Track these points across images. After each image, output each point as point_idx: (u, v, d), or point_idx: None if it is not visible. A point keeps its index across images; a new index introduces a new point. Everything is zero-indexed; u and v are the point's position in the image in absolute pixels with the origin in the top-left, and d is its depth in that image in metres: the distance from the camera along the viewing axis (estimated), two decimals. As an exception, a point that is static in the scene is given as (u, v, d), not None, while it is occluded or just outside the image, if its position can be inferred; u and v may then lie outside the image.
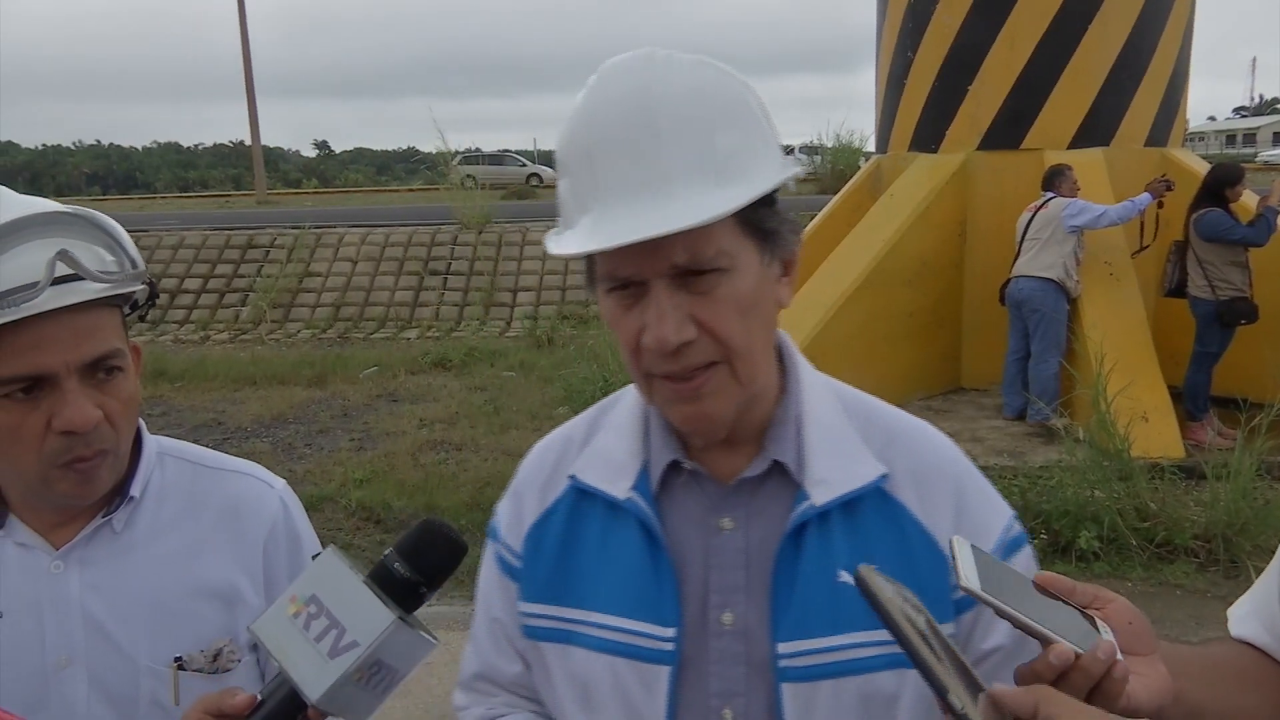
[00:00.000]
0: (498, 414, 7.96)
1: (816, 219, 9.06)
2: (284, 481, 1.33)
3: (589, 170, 0.89)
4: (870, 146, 13.43)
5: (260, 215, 20.08)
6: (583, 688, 1.01)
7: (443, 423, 7.77)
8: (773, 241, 0.93)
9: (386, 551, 0.92)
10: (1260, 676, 1.02)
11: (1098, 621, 0.79)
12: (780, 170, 0.90)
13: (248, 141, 40.72)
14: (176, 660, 1.16)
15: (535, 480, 1.10)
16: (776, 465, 0.99)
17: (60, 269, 1.04)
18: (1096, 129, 7.44)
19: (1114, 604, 0.82)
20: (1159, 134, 7.64)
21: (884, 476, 0.98)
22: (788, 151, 0.95)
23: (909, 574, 0.89)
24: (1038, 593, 0.80)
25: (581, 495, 1.05)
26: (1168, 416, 6.15)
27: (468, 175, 19.41)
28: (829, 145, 19.49)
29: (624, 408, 1.07)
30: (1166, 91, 7.59)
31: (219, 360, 10.42)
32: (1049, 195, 6.74)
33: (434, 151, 16.42)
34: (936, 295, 7.59)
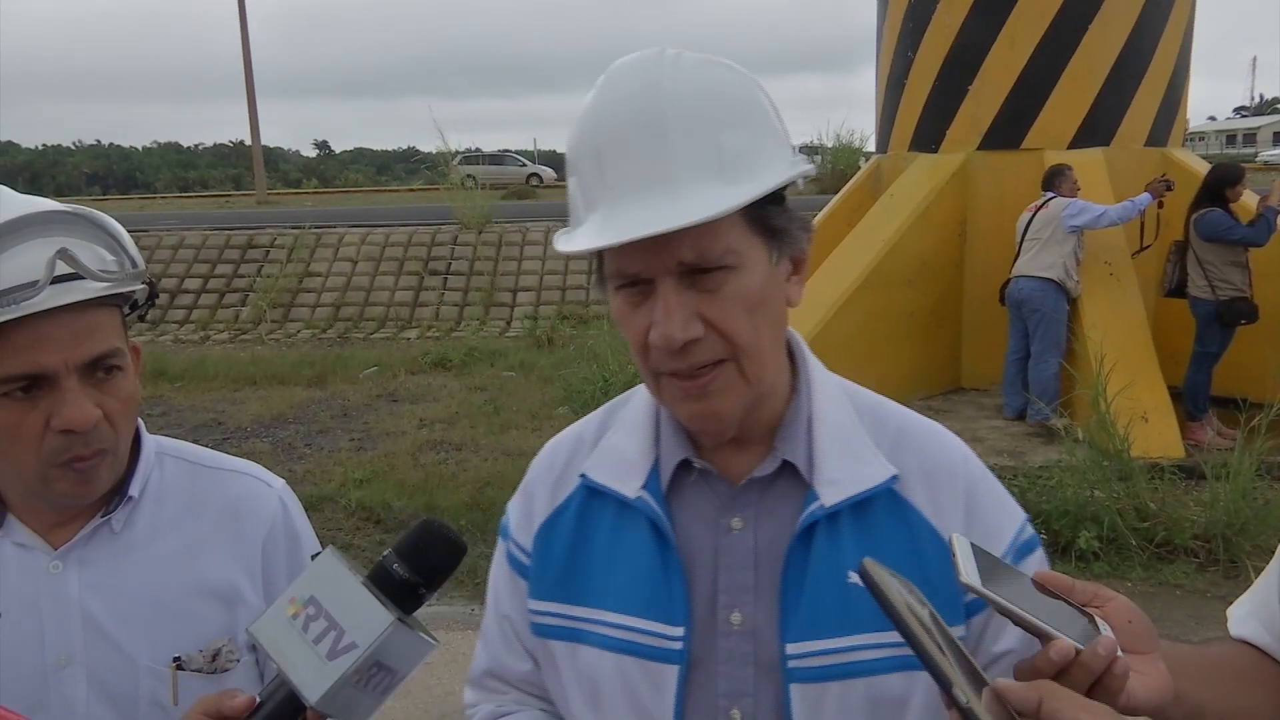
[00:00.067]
0: (498, 414, 7.96)
1: (816, 219, 9.06)
2: (283, 481, 1.33)
3: (597, 168, 0.89)
4: (870, 146, 13.44)
5: (260, 215, 20.08)
6: (591, 686, 1.01)
7: (443, 423, 7.77)
8: (781, 240, 0.93)
9: (385, 552, 0.91)
10: (1260, 676, 1.02)
11: (1097, 620, 0.79)
12: (789, 169, 0.90)
13: (248, 141, 40.74)
14: (175, 660, 1.16)
15: (546, 478, 1.10)
16: (786, 465, 0.99)
17: (60, 268, 1.04)
18: (1096, 129, 7.44)
19: (1114, 602, 0.82)
20: (1159, 134, 7.64)
21: (894, 478, 0.98)
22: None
23: (919, 575, 0.88)
24: (1038, 591, 0.80)
25: (592, 494, 1.05)
26: (1168, 416, 6.15)
27: (468, 175, 19.40)
28: (829, 145, 19.51)
29: (635, 406, 1.07)
30: (1166, 91, 7.59)
31: (219, 360, 10.42)
32: (1049, 195, 6.74)
33: (434, 151, 16.46)
34: (936, 295, 7.59)
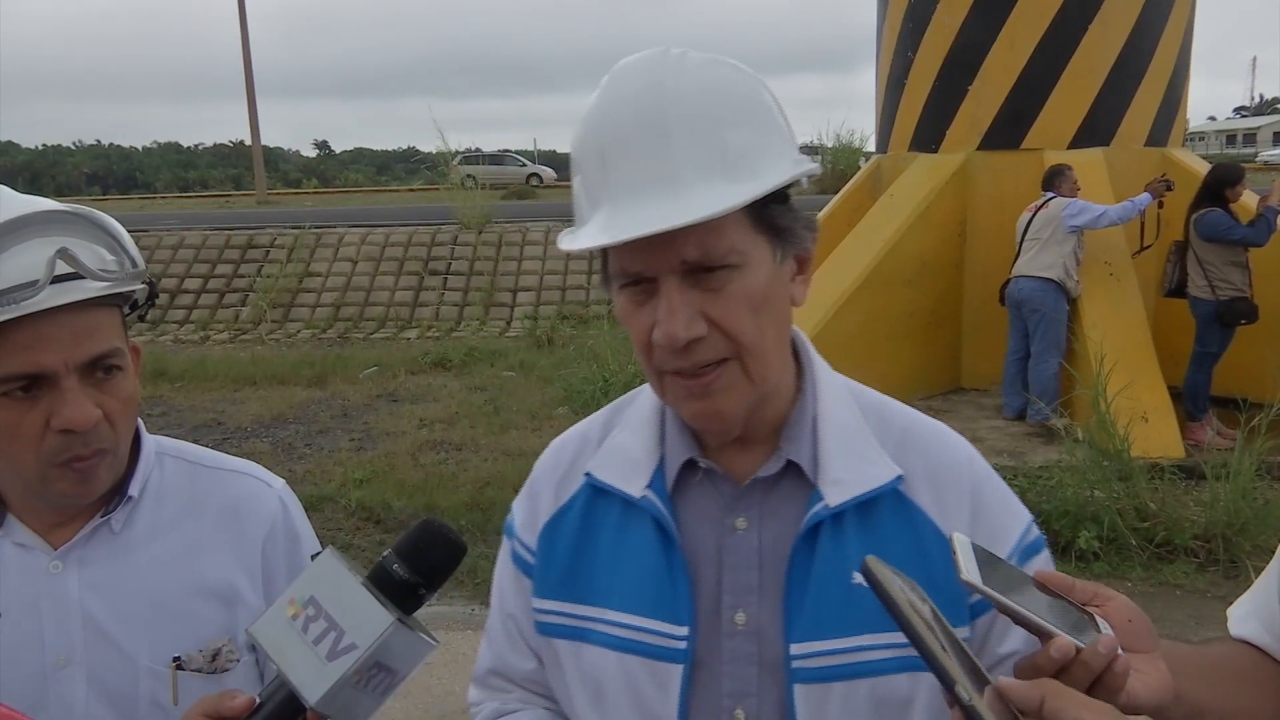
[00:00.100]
0: (497, 414, 7.96)
1: (817, 219, 9.06)
2: (283, 481, 1.32)
3: (601, 167, 0.89)
4: (870, 146, 13.44)
5: (260, 215, 20.08)
6: (595, 685, 1.01)
7: (443, 423, 7.77)
8: (786, 239, 0.93)
9: (385, 553, 0.91)
10: (1260, 676, 1.02)
11: (1097, 618, 0.79)
12: (794, 167, 0.90)
13: (248, 141, 40.74)
14: (175, 660, 1.16)
15: (551, 477, 1.10)
16: (791, 465, 0.99)
17: (60, 267, 1.04)
18: (1096, 129, 7.44)
19: (1114, 601, 0.82)
20: (1159, 134, 7.64)
21: (899, 478, 0.98)
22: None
23: (924, 576, 0.88)
24: (1038, 589, 0.80)
25: (597, 492, 1.05)
26: (1168, 416, 6.15)
27: (468, 175, 19.40)
28: (829, 145, 19.51)
29: (640, 406, 1.07)
30: (1166, 91, 7.59)
31: (219, 360, 10.42)
32: (1049, 195, 6.74)
33: (434, 151, 16.46)
34: (936, 295, 7.58)
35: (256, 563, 1.23)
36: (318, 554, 0.91)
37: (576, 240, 0.90)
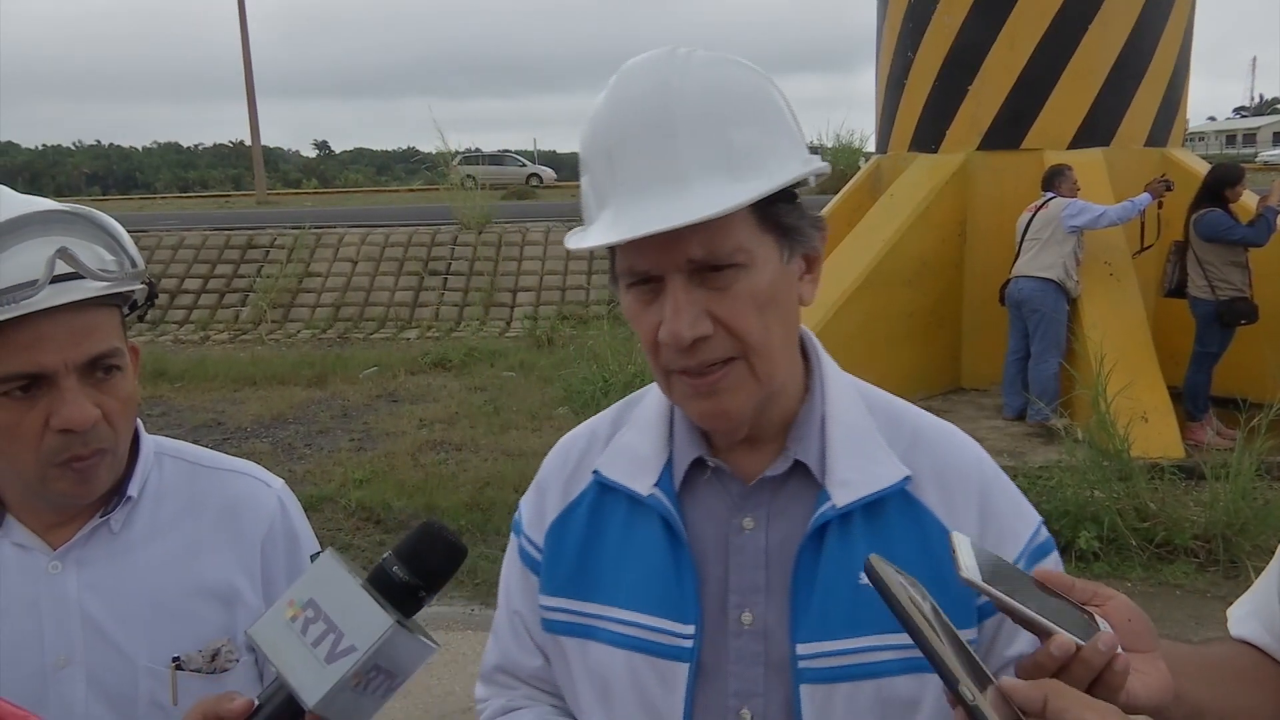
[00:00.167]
0: (497, 414, 7.96)
1: (825, 219, 9.08)
2: (282, 481, 1.32)
3: (608, 166, 0.89)
4: (870, 146, 13.45)
5: (260, 215, 20.09)
6: (601, 683, 1.01)
7: (442, 423, 7.77)
8: (793, 238, 0.93)
9: (385, 555, 0.91)
10: (1260, 676, 1.02)
11: (1097, 618, 0.79)
12: (801, 166, 0.90)
13: (248, 141, 40.74)
14: (174, 660, 1.16)
15: (559, 474, 1.10)
16: (799, 465, 0.98)
17: (60, 267, 1.04)
18: (1096, 129, 7.44)
19: (1113, 601, 0.82)
20: (1159, 134, 7.64)
21: (907, 478, 0.98)
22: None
23: (932, 577, 0.87)
24: (1038, 589, 0.80)
25: (604, 490, 1.05)
26: (1167, 416, 6.15)
27: (468, 175, 19.39)
28: (829, 145, 19.52)
29: (648, 404, 1.07)
30: (1166, 91, 7.59)
31: (219, 360, 10.42)
32: (1049, 195, 6.74)
33: (434, 151, 16.47)
34: (936, 295, 7.58)
35: (256, 563, 1.23)
36: (317, 554, 0.91)
37: (584, 239, 0.91)
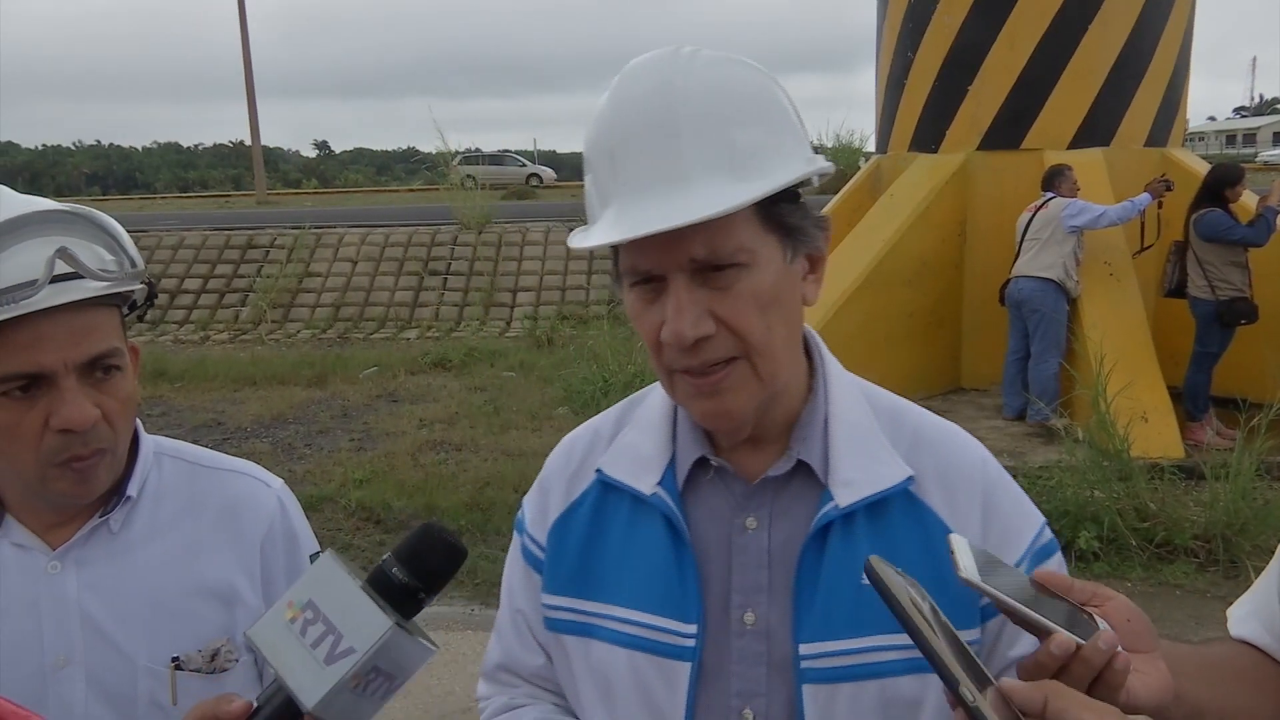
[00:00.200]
0: (497, 414, 7.96)
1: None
2: (281, 481, 1.32)
3: (610, 166, 0.89)
4: (870, 146, 13.44)
5: (260, 215, 20.09)
6: (604, 682, 1.01)
7: (442, 423, 7.77)
8: (796, 238, 0.93)
9: (385, 556, 0.90)
10: (1260, 677, 1.02)
11: (1096, 618, 0.79)
12: (804, 166, 0.90)
13: (248, 141, 40.73)
14: (174, 660, 1.16)
15: (562, 473, 1.10)
16: (802, 465, 0.98)
17: (60, 267, 1.04)
18: (1096, 129, 7.44)
19: (1113, 601, 0.81)
20: (1159, 134, 7.64)
21: (910, 479, 0.98)
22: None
23: (935, 577, 0.87)
24: (1036, 590, 0.80)
25: (607, 489, 1.05)
26: (1167, 416, 6.15)
27: (468, 175, 19.39)
28: (829, 145, 19.53)
29: (652, 404, 1.07)
30: (1166, 91, 7.59)
31: (219, 360, 10.42)
32: (1049, 195, 6.74)
33: (434, 151, 16.46)
34: (936, 295, 7.58)
35: (255, 562, 1.23)
36: (316, 554, 0.91)
37: (586, 238, 0.91)
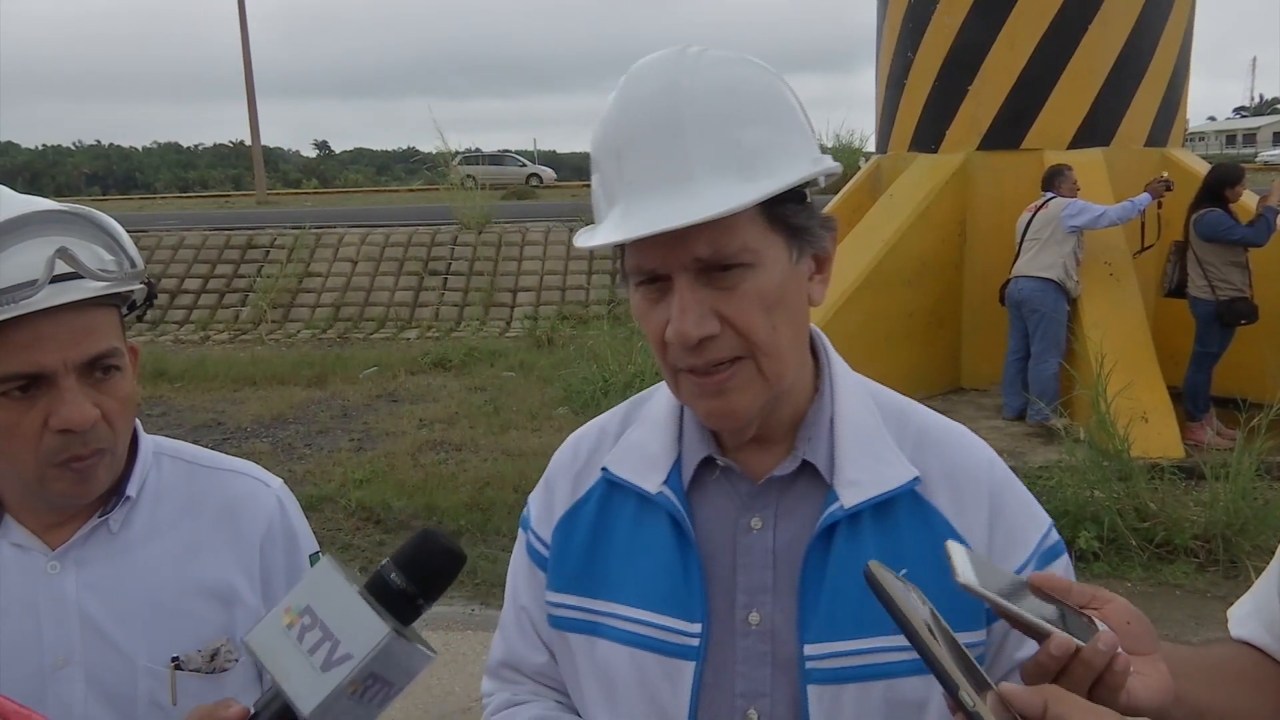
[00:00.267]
0: (497, 414, 7.96)
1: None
2: (280, 480, 1.32)
3: (616, 166, 0.89)
4: (870, 146, 13.44)
5: (260, 215, 20.08)
6: (607, 680, 1.01)
7: (442, 423, 7.77)
8: (802, 238, 0.93)
9: (383, 562, 0.90)
10: (1260, 677, 1.02)
11: (1095, 621, 0.79)
12: (811, 166, 0.90)
13: (248, 141, 40.73)
14: (174, 660, 1.16)
15: (568, 470, 1.10)
16: (807, 465, 0.98)
17: (60, 267, 1.04)
18: (1096, 129, 7.44)
19: (1112, 604, 0.81)
20: (1159, 134, 7.64)
21: (916, 479, 0.97)
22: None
23: (941, 579, 0.87)
24: (1035, 594, 0.80)
25: (613, 488, 1.05)
26: (1167, 416, 6.15)
27: (468, 175, 19.39)
28: (829, 145, 19.53)
29: (658, 402, 1.07)
30: (1166, 91, 7.59)
31: (219, 360, 10.42)
32: (1049, 195, 6.74)
33: (434, 152, 16.47)
34: (936, 295, 7.58)
35: (254, 562, 1.23)
36: (316, 554, 0.91)
37: (592, 238, 0.91)
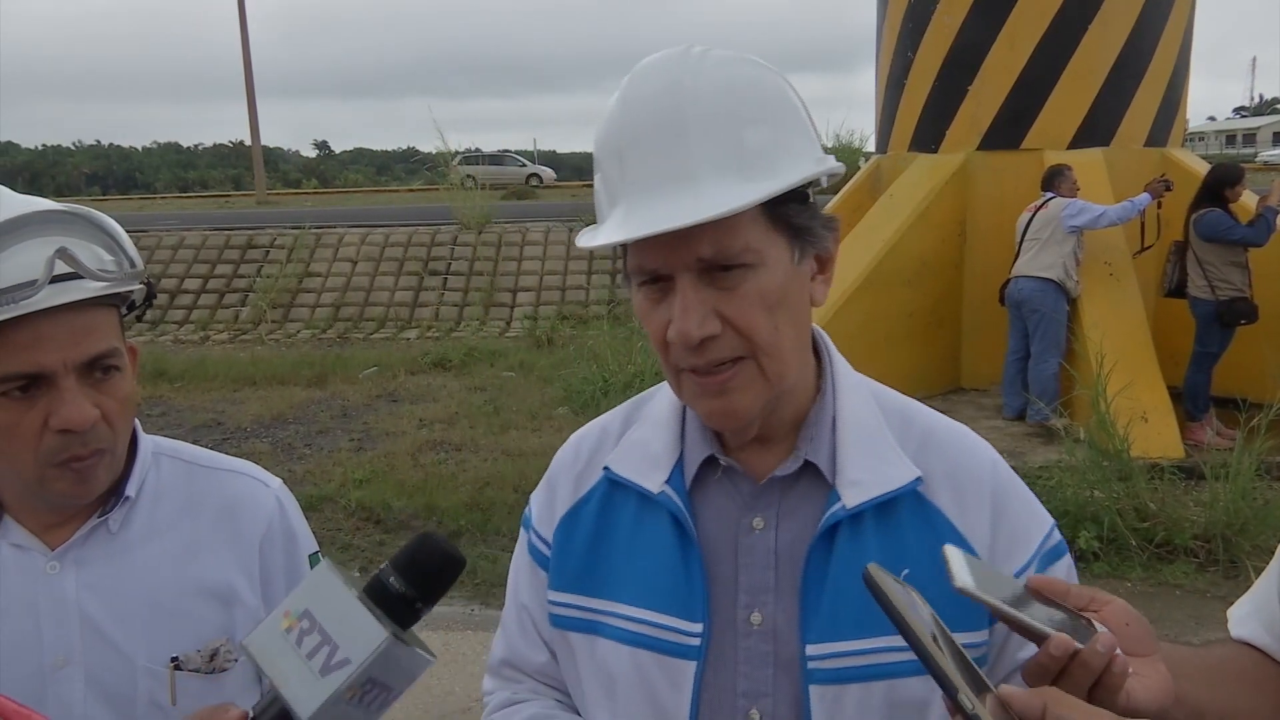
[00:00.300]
0: (497, 414, 7.96)
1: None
2: (280, 480, 1.32)
3: (619, 166, 0.90)
4: (870, 146, 13.44)
5: (260, 215, 20.08)
6: (608, 679, 1.01)
7: (442, 423, 7.77)
8: (804, 238, 0.93)
9: (382, 566, 0.90)
10: (1260, 677, 1.02)
11: (1094, 622, 0.79)
12: (813, 166, 0.90)
13: (248, 141, 40.72)
14: (173, 660, 1.16)
15: (570, 470, 1.10)
16: (809, 465, 0.98)
17: (59, 267, 1.04)
18: (1096, 129, 7.44)
19: (1111, 605, 0.81)
20: (1159, 134, 7.64)
21: (918, 480, 0.97)
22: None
23: (943, 580, 0.87)
24: (1033, 597, 0.80)
25: (615, 487, 1.05)
26: (1167, 416, 6.15)
27: (468, 175, 19.39)
28: (829, 145, 19.52)
29: (660, 402, 1.07)
30: (1166, 91, 7.59)
31: (219, 360, 10.42)
32: (1049, 195, 6.74)
33: (434, 152, 16.48)
34: (936, 295, 7.58)
35: (254, 562, 1.23)
36: (315, 554, 0.91)
37: (594, 238, 0.91)
